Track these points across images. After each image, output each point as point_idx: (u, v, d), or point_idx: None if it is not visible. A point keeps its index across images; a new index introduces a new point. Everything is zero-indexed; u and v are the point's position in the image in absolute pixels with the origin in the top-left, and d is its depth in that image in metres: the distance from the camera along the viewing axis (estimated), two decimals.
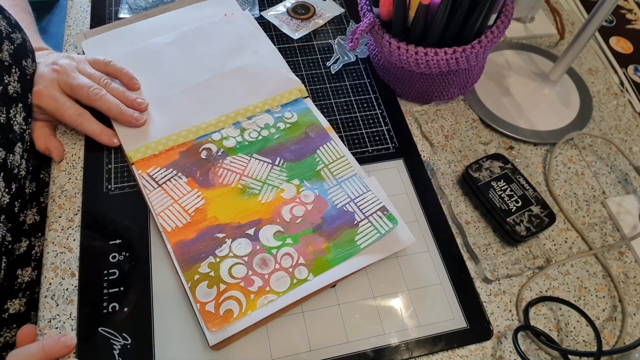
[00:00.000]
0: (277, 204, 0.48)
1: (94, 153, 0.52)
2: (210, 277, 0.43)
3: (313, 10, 0.69)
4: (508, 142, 0.59)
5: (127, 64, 0.56)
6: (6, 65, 0.45)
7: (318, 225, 0.47)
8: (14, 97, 0.46)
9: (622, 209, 0.54)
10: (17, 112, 0.46)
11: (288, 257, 0.45)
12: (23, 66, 0.48)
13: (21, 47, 0.48)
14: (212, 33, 0.61)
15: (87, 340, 0.41)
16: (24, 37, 0.49)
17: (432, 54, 0.51)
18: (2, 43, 0.45)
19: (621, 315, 0.48)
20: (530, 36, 0.70)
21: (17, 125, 0.46)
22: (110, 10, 0.65)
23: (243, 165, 0.50)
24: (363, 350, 0.43)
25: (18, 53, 0.47)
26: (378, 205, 0.48)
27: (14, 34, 0.47)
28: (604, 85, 0.66)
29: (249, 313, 0.41)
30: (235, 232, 0.46)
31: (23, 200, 0.48)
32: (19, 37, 0.48)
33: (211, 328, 0.40)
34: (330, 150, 0.52)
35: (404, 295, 0.46)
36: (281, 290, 0.43)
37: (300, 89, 0.57)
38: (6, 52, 0.45)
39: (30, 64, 0.49)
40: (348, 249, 0.45)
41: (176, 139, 0.51)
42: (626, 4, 0.78)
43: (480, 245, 0.50)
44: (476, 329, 0.45)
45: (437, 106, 0.61)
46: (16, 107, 0.46)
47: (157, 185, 0.48)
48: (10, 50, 0.46)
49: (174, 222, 0.46)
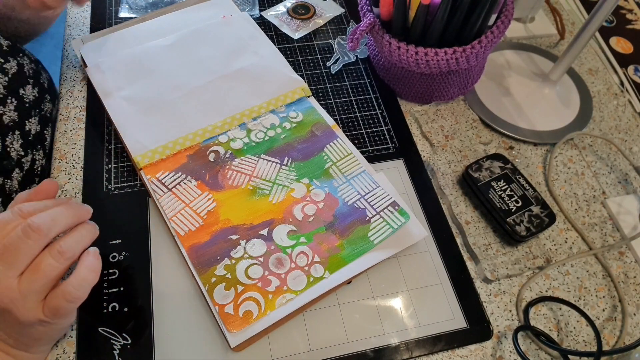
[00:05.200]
0: (288, 203, 0.48)
1: (94, 153, 0.52)
2: (227, 279, 0.43)
3: (313, 10, 0.69)
4: (508, 142, 0.59)
5: (127, 67, 0.56)
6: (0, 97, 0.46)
7: (330, 222, 0.47)
8: (10, 126, 0.46)
9: (622, 209, 0.54)
10: (14, 139, 0.46)
11: (303, 256, 0.45)
12: (20, 95, 0.48)
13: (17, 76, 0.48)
14: (212, 35, 0.61)
15: (87, 340, 0.41)
16: (21, 62, 0.49)
17: (432, 54, 0.51)
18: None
19: (621, 315, 0.48)
20: (530, 36, 0.70)
21: (15, 152, 0.46)
22: (110, 10, 0.65)
23: (252, 166, 0.50)
24: (363, 350, 0.43)
25: (13, 83, 0.47)
26: (389, 201, 0.49)
27: (7, 63, 0.47)
28: (604, 86, 0.66)
29: (268, 313, 0.41)
30: (248, 233, 0.46)
31: None
32: (14, 66, 0.48)
33: (232, 330, 0.40)
34: (338, 148, 0.53)
35: (404, 295, 0.46)
36: (299, 289, 0.43)
37: (303, 88, 0.57)
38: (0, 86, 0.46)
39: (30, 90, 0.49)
40: (362, 245, 0.46)
41: (183, 143, 0.51)
42: (626, 4, 0.78)
43: (480, 245, 0.50)
44: (476, 329, 0.45)
45: (437, 106, 0.61)
46: (13, 135, 0.46)
47: (167, 190, 0.48)
48: (4, 82, 0.46)
49: (187, 225, 0.46)
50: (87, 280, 0.35)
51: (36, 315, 0.34)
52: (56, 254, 0.34)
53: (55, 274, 0.34)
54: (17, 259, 0.33)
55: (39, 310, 0.34)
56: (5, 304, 0.33)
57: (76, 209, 0.37)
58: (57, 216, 0.35)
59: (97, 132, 0.54)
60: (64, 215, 0.36)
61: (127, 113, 0.53)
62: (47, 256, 0.34)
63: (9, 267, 0.33)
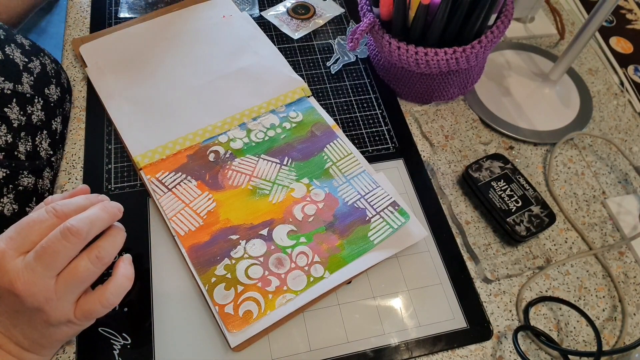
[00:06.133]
0: (288, 203, 0.48)
1: (94, 153, 0.52)
2: (227, 279, 0.43)
3: (313, 10, 0.69)
4: (508, 142, 0.59)
5: (127, 67, 0.56)
6: (28, 97, 0.46)
7: (330, 222, 0.47)
8: (38, 126, 0.47)
9: (622, 209, 0.54)
10: (43, 139, 0.47)
11: (303, 256, 0.45)
12: (46, 95, 0.48)
13: (41, 75, 0.48)
14: (212, 35, 0.61)
15: (87, 340, 0.41)
16: (43, 62, 0.49)
17: (432, 54, 0.51)
18: (21, 76, 0.46)
19: (621, 315, 0.48)
20: (530, 36, 0.70)
21: (44, 152, 0.47)
22: (110, 10, 0.65)
23: (252, 166, 0.50)
24: (363, 350, 0.43)
25: (39, 83, 0.48)
26: (389, 201, 0.49)
27: (31, 63, 0.48)
28: (604, 85, 0.66)
29: (268, 313, 0.41)
30: (248, 233, 0.46)
31: None
32: (37, 66, 0.48)
33: (232, 330, 0.40)
34: (338, 148, 0.53)
35: (404, 295, 0.46)
36: (298, 289, 0.43)
37: (303, 88, 0.57)
38: (27, 85, 0.46)
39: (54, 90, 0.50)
40: (362, 245, 0.46)
41: (183, 143, 0.51)
42: (626, 4, 0.78)
43: (480, 245, 0.50)
44: (476, 329, 0.45)
45: (437, 106, 0.61)
46: (41, 135, 0.47)
47: (167, 190, 0.48)
48: (30, 82, 0.47)
49: (187, 225, 0.46)
50: (123, 287, 0.37)
51: (67, 316, 0.35)
52: (94, 259, 0.35)
53: (91, 278, 0.36)
54: (56, 260, 0.34)
55: (71, 311, 0.36)
56: (40, 303, 0.34)
57: (111, 212, 0.38)
58: (95, 220, 0.36)
59: (97, 132, 0.54)
60: (101, 219, 0.37)
61: (127, 113, 0.53)
62: (86, 260, 0.35)
63: (47, 268, 0.34)
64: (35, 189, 0.45)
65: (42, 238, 0.34)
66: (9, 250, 0.34)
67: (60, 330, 0.36)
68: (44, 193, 0.46)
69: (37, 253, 0.33)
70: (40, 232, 0.35)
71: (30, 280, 0.33)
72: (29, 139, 0.45)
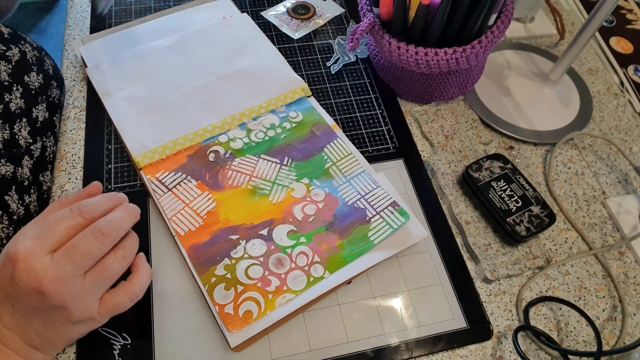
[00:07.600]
0: (288, 203, 0.48)
1: (94, 153, 0.52)
2: (227, 279, 0.43)
3: (313, 10, 0.69)
4: (508, 142, 0.59)
5: (127, 67, 0.56)
6: (6, 85, 0.46)
7: (330, 222, 0.47)
8: (17, 114, 0.46)
9: (622, 209, 0.54)
10: (22, 127, 0.47)
11: (303, 256, 0.45)
12: (25, 82, 0.48)
13: (20, 63, 0.48)
14: (212, 35, 0.61)
15: (87, 340, 0.41)
16: (23, 50, 0.49)
17: (432, 54, 0.51)
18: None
19: (621, 315, 0.48)
20: (530, 36, 0.70)
21: (23, 140, 0.47)
22: (110, 10, 0.65)
23: (252, 166, 0.50)
24: (363, 350, 0.43)
25: (17, 70, 0.47)
26: (389, 201, 0.49)
27: (9, 51, 0.47)
28: (604, 85, 0.66)
29: (267, 313, 0.41)
30: (248, 233, 0.46)
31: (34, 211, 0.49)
32: (16, 53, 0.48)
33: (231, 330, 0.40)
34: (338, 148, 0.53)
35: (404, 295, 0.46)
36: (298, 289, 0.43)
37: (303, 88, 0.57)
38: (4, 73, 0.46)
39: (35, 77, 0.49)
40: (362, 245, 0.46)
41: (183, 143, 0.51)
42: (626, 4, 0.78)
43: (480, 245, 0.50)
44: (476, 329, 0.45)
45: (437, 106, 0.61)
46: (20, 123, 0.47)
47: (167, 190, 0.48)
48: (8, 70, 0.46)
49: (187, 225, 0.46)
50: (147, 281, 0.40)
51: (91, 313, 0.36)
52: (121, 258, 0.37)
53: (117, 276, 0.38)
54: (87, 260, 0.35)
55: (95, 308, 0.37)
56: (65, 301, 0.34)
57: (133, 213, 0.40)
58: (122, 222, 0.38)
59: (97, 132, 0.54)
60: (127, 221, 0.39)
61: (127, 113, 0.53)
62: (113, 259, 0.37)
63: (77, 267, 0.35)
64: (14, 178, 0.45)
65: (67, 237, 0.35)
66: (36, 249, 0.34)
67: (77, 328, 0.37)
68: (24, 182, 0.46)
69: (67, 252, 0.34)
70: (67, 232, 0.36)
71: (58, 278, 0.34)
72: (6, 127, 0.45)
